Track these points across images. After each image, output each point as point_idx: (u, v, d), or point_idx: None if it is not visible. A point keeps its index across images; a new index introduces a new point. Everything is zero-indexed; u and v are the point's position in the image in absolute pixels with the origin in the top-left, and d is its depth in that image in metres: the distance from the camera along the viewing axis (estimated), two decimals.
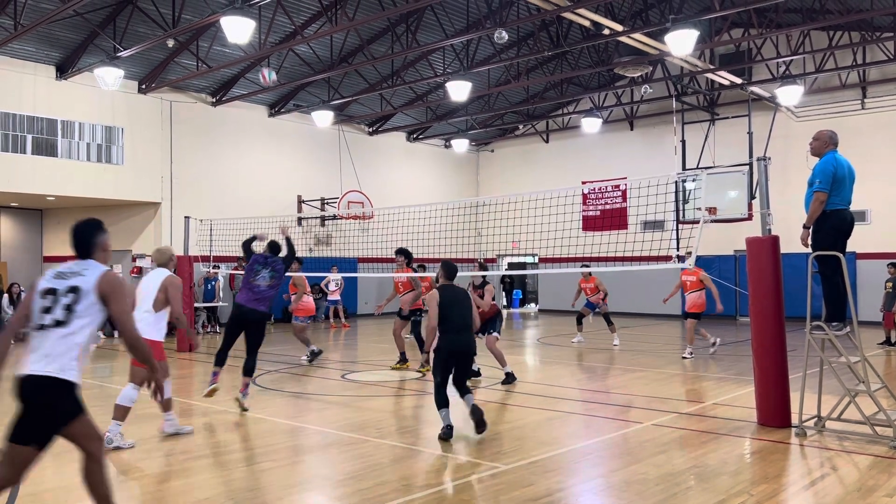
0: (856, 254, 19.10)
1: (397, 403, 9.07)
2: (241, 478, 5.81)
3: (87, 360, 4.22)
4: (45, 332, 3.91)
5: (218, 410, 8.54)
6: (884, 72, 19.52)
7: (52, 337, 3.89)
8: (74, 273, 4.06)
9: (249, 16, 13.09)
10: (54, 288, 4.01)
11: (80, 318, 3.95)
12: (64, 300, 3.96)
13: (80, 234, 4.29)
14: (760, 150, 19.43)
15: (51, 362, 3.84)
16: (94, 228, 4.34)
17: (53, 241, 21.53)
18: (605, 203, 24.29)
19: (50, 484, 5.71)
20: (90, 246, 4.26)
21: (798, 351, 10.02)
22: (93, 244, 4.27)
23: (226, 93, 19.88)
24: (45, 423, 3.86)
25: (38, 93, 17.03)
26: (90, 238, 4.28)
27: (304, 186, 22.29)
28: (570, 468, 6.11)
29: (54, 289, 4.01)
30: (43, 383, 3.81)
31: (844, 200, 7.14)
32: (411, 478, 5.73)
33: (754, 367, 7.59)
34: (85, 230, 4.30)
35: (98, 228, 4.35)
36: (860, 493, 5.29)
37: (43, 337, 3.90)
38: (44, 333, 3.91)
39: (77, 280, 4.02)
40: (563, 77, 20.18)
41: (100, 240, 4.32)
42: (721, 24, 16.68)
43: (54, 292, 4.00)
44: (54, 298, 3.98)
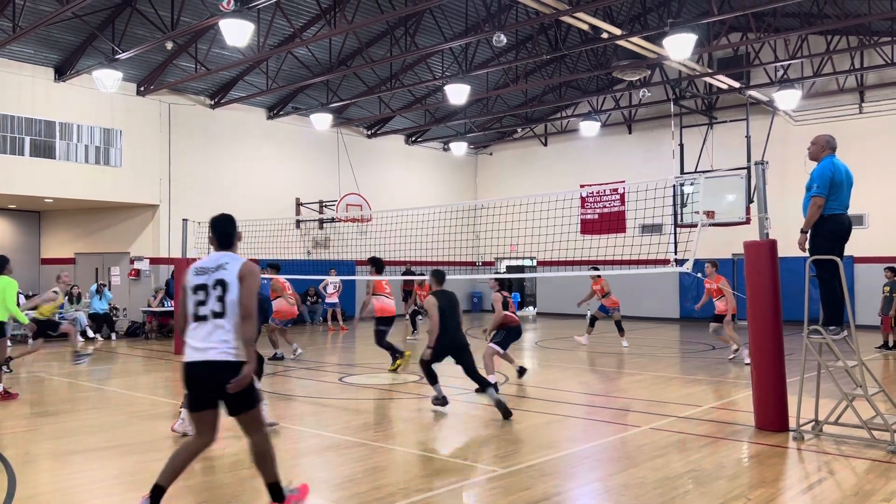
0: (853, 258, 19.13)
1: (395, 406, 9.06)
2: (236, 481, 5.80)
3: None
4: (204, 324, 4.49)
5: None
6: (881, 76, 19.57)
7: (215, 327, 4.48)
8: (218, 267, 4.59)
9: (248, 18, 13.10)
10: (203, 283, 4.56)
11: (230, 307, 4.52)
12: (215, 293, 4.52)
13: (221, 227, 4.78)
14: (758, 154, 19.48)
15: (220, 347, 4.44)
16: (232, 223, 4.83)
17: (51, 243, 21.50)
18: (604, 206, 24.30)
19: (46, 487, 5.70)
20: (230, 237, 4.76)
21: (796, 355, 10.02)
22: (232, 236, 4.76)
23: (224, 95, 19.88)
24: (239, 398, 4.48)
25: (36, 95, 17.02)
26: (230, 231, 4.78)
27: (302, 189, 22.29)
28: (568, 472, 6.11)
29: (203, 284, 4.56)
30: (221, 367, 4.42)
31: (842, 205, 7.15)
32: (409, 481, 5.72)
33: (752, 371, 7.60)
34: (226, 224, 4.79)
35: (234, 223, 4.84)
36: (857, 497, 5.29)
37: (204, 327, 4.49)
38: (204, 325, 4.49)
39: (222, 274, 4.55)
40: (561, 80, 20.20)
41: (236, 232, 4.81)
42: (719, 28, 16.72)
43: (204, 287, 4.55)
44: (206, 293, 4.53)
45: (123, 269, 19.83)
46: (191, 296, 4.59)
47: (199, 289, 4.57)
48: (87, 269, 20.60)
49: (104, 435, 7.48)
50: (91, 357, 12.49)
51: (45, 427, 7.89)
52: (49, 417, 8.40)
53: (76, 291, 18.01)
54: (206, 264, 4.65)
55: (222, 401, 4.54)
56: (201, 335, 4.50)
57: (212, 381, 4.45)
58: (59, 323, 12.40)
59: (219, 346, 4.46)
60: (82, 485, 5.74)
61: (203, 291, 4.56)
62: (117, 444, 7.12)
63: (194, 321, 4.55)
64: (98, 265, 20.52)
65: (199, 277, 4.61)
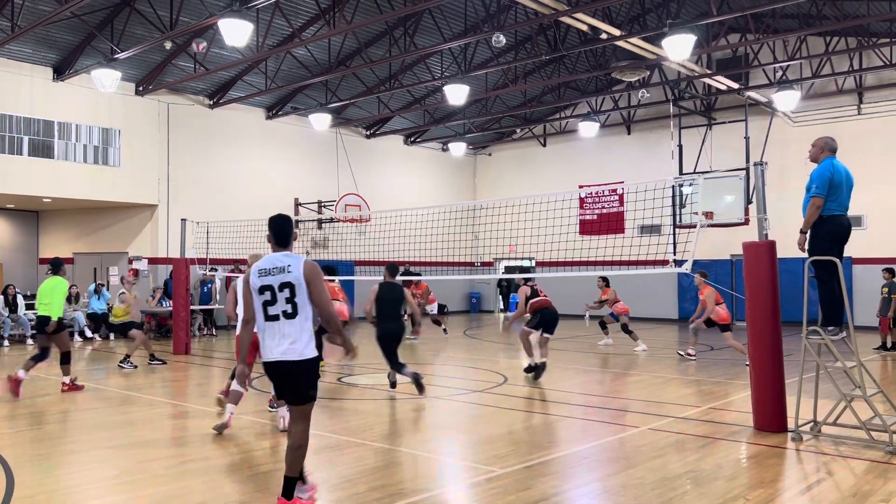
0: (852, 259, 19.14)
1: (393, 407, 9.06)
2: (235, 481, 5.80)
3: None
4: (277, 324, 4.79)
5: (213, 413, 8.53)
6: (880, 77, 19.59)
7: (287, 327, 4.77)
8: (280, 269, 4.82)
9: (247, 18, 13.09)
10: (269, 285, 4.81)
11: (302, 307, 4.80)
12: (282, 295, 4.78)
13: (281, 226, 5.00)
14: (757, 155, 19.50)
15: (296, 347, 4.77)
16: (289, 222, 5.07)
17: (49, 242, 21.49)
18: (603, 207, 24.31)
19: (44, 487, 5.69)
20: (288, 237, 4.99)
21: (794, 356, 10.03)
22: (288, 235, 5.00)
23: (223, 95, 19.87)
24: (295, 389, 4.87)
25: (34, 94, 17.01)
26: (289, 230, 5.01)
27: (301, 189, 22.28)
28: (567, 472, 6.11)
29: (269, 285, 4.81)
30: (291, 366, 4.78)
31: (841, 206, 7.15)
32: (407, 482, 5.71)
33: (750, 372, 7.60)
34: (285, 224, 5.02)
35: (291, 222, 5.09)
36: (856, 498, 5.30)
37: (277, 327, 4.79)
38: (276, 325, 4.80)
39: (286, 276, 4.79)
40: (560, 81, 20.21)
41: (292, 231, 5.06)
42: (718, 29, 16.73)
43: (270, 288, 4.81)
44: (272, 294, 4.80)
45: (122, 270, 19.81)
46: (257, 296, 4.86)
47: (265, 289, 4.83)
48: (85, 269, 20.59)
49: (102, 435, 7.47)
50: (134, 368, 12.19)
51: (44, 427, 7.88)
52: (47, 417, 8.39)
53: (74, 291, 17.99)
54: (268, 265, 4.87)
55: (286, 392, 4.93)
56: (275, 335, 4.82)
57: (280, 376, 4.86)
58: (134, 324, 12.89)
59: (292, 347, 4.78)
60: (80, 485, 5.73)
61: (269, 292, 4.82)
62: (115, 444, 7.11)
63: (265, 321, 4.84)
64: (96, 265, 20.50)
65: (263, 279, 4.85)
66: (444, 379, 11.47)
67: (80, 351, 15.49)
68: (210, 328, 18.86)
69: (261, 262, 4.94)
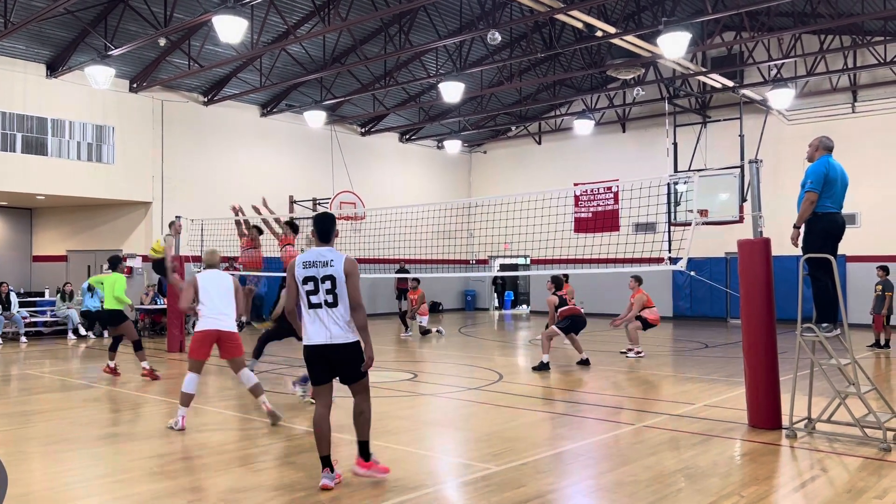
0: (846, 257, 19.20)
1: (387, 405, 9.04)
2: (228, 480, 5.78)
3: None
4: (320, 311, 5.34)
5: (206, 411, 8.50)
6: (874, 76, 19.64)
7: (330, 315, 5.32)
8: (324, 263, 5.35)
9: (242, 15, 13.05)
10: (312, 276, 5.34)
11: (342, 298, 5.35)
12: (325, 286, 5.32)
13: (323, 224, 5.49)
14: (752, 152, 19.49)
15: (336, 334, 5.32)
16: (333, 220, 5.58)
17: (43, 240, 21.39)
18: (597, 205, 24.32)
19: (38, 485, 5.66)
20: (330, 233, 5.49)
21: (789, 353, 10.05)
22: (330, 232, 5.49)
23: (218, 92, 19.81)
24: (351, 369, 5.43)
25: (28, 91, 16.93)
26: (331, 228, 5.50)
27: (295, 187, 22.24)
28: (562, 469, 6.11)
29: (312, 276, 5.34)
30: (339, 348, 5.34)
31: (836, 203, 7.17)
32: (402, 479, 5.70)
33: (745, 369, 7.61)
34: (328, 221, 5.53)
35: (335, 220, 5.59)
36: (850, 494, 5.31)
37: (320, 315, 5.34)
38: (319, 312, 5.34)
39: (330, 270, 5.32)
40: (555, 79, 20.21)
41: (334, 229, 5.52)
42: (713, 27, 16.75)
43: (313, 279, 5.34)
44: (315, 284, 5.33)
45: None
46: (301, 286, 5.38)
47: (308, 280, 5.36)
48: (79, 267, 20.51)
49: (95, 433, 7.44)
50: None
51: (37, 425, 7.84)
52: (40, 415, 8.35)
53: (68, 289, 17.92)
54: (312, 258, 5.39)
55: (338, 374, 5.46)
56: (318, 321, 5.35)
57: (331, 359, 5.38)
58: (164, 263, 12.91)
59: (336, 332, 5.33)
60: (74, 482, 5.71)
61: (312, 283, 5.35)
62: (108, 441, 7.09)
63: (309, 308, 5.37)
64: (90, 262, 20.42)
65: (307, 270, 5.37)
66: (439, 376, 11.46)
67: (73, 349, 15.44)
68: None
69: (306, 254, 5.44)
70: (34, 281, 20.90)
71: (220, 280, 7.81)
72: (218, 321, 7.62)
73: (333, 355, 5.37)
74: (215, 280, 7.79)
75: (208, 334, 7.60)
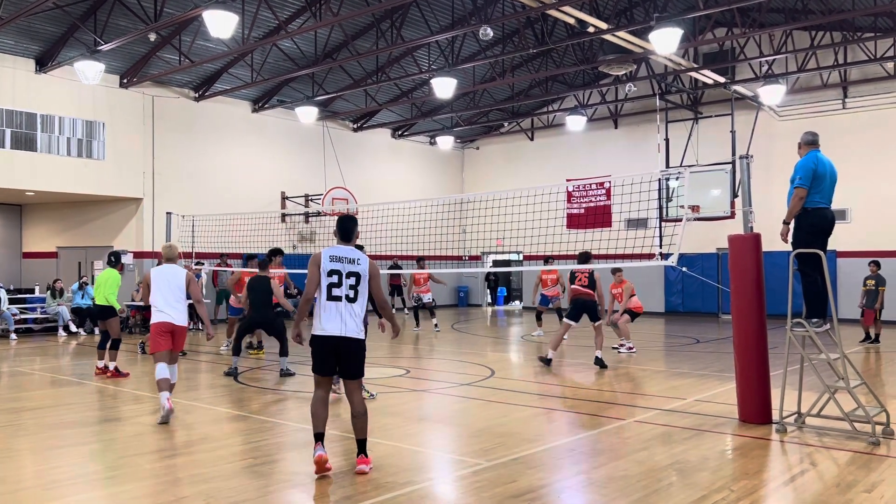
0: (836, 252, 19.29)
1: (379, 400, 9.04)
2: (219, 476, 5.76)
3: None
4: (339, 304, 5.57)
5: (199, 408, 8.48)
6: (864, 72, 19.72)
7: (347, 309, 5.58)
8: (350, 261, 5.66)
9: (232, 10, 12.99)
10: (337, 269, 5.61)
11: (361, 296, 5.67)
12: (348, 282, 5.60)
13: (346, 225, 5.82)
14: (743, 148, 19.57)
15: (350, 328, 5.58)
16: (356, 222, 5.88)
17: (33, 236, 21.28)
18: (590, 201, 24.36)
19: (28, 483, 5.64)
20: (352, 234, 5.84)
21: (779, 348, 10.09)
22: (351, 232, 5.83)
23: (209, 88, 19.72)
24: (356, 365, 5.71)
25: (17, 86, 16.81)
26: (353, 229, 5.84)
27: (287, 182, 22.18)
28: (553, 465, 6.12)
29: (337, 270, 5.61)
30: (350, 342, 5.58)
31: (826, 198, 7.20)
32: (393, 475, 5.70)
33: (736, 364, 7.64)
34: (351, 223, 5.84)
35: (356, 222, 5.89)
36: (839, 488, 5.34)
37: (338, 308, 5.57)
38: (338, 305, 5.57)
39: (356, 267, 5.65)
40: (547, 75, 20.21)
41: (355, 230, 5.87)
42: (705, 23, 16.78)
43: (338, 273, 5.60)
44: (339, 278, 5.59)
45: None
46: (325, 277, 5.60)
47: (333, 273, 5.62)
48: (69, 263, 20.41)
49: (86, 430, 7.41)
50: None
51: (27, 422, 7.80)
52: (30, 412, 8.31)
53: (59, 286, 17.83)
54: (340, 253, 5.69)
55: (341, 367, 5.67)
56: (334, 314, 5.57)
57: (340, 351, 5.60)
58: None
59: (351, 326, 5.58)
60: (64, 480, 5.68)
61: (337, 276, 5.61)
62: (99, 439, 7.06)
63: (327, 300, 5.58)
64: (81, 259, 20.32)
65: (333, 264, 5.64)
66: (431, 372, 11.47)
67: (63, 346, 15.37)
68: (196, 322, 18.74)
69: (332, 249, 5.72)
70: (24, 277, 20.80)
71: (171, 274, 8.01)
72: (167, 315, 7.87)
73: (343, 347, 5.59)
74: (167, 275, 8.01)
75: (160, 326, 7.86)
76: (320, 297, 5.62)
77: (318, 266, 5.62)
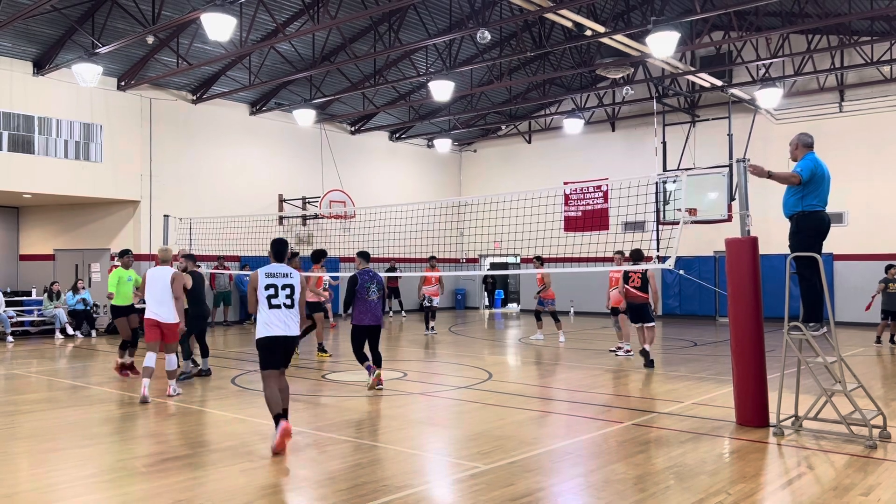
0: (833, 255, 19.32)
1: (376, 403, 9.04)
2: (218, 479, 5.76)
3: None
4: (279, 311, 6.73)
5: (195, 411, 8.47)
6: (861, 75, 19.77)
7: (287, 314, 6.76)
8: (284, 275, 6.86)
9: (230, 13, 12.99)
10: (273, 283, 6.77)
11: (296, 303, 6.85)
12: (284, 292, 6.78)
13: (279, 248, 7.04)
14: (740, 151, 19.59)
15: (292, 328, 6.79)
16: (286, 245, 7.11)
17: (30, 239, 21.24)
18: (587, 204, 24.38)
19: (24, 486, 5.62)
20: (282, 254, 7.03)
21: (776, 351, 10.11)
22: (283, 254, 7.03)
23: (206, 90, 19.72)
24: (290, 357, 7.01)
25: (14, 89, 16.78)
26: (285, 251, 7.05)
27: (285, 185, 22.17)
28: (550, 468, 6.12)
29: (273, 284, 6.77)
30: (294, 340, 6.86)
31: (822, 202, 7.22)
32: (390, 478, 5.70)
33: (733, 368, 7.65)
34: (282, 246, 7.06)
35: (287, 245, 7.13)
36: (836, 491, 5.35)
37: (280, 313, 6.73)
38: (279, 312, 6.73)
39: (289, 280, 6.85)
40: (545, 78, 20.23)
41: (287, 251, 7.10)
42: (702, 26, 16.81)
43: (274, 286, 6.77)
44: (276, 290, 6.76)
45: (104, 266, 19.61)
46: (262, 291, 6.73)
47: (270, 286, 6.75)
48: (66, 266, 20.37)
49: (82, 432, 7.40)
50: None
51: (24, 425, 7.79)
52: (27, 415, 8.29)
53: (56, 288, 17.80)
54: (274, 270, 6.85)
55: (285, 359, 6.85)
56: (279, 319, 6.72)
57: (286, 347, 6.80)
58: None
59: (293, 328, 6.78)
60: (60, 483, 5.67)
61: (273, 289, 6.75)
62: (95, 441, 7.04)
63: (269, 308, 6.71)
64: (78, 262, 20.29)
65: (269, 279, 6.78)
66: (429, 375, 11.46)
67: (60, 348, 15.34)
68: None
69: (267, 268, 6.87)
70: (21, 280, 20.75)
71: (160, 275, 9.19)
72: (154, 312, 9.11)
73: (288, 345, 6.80)
74: (156, 275, 9.22)
75: (148, 322, 9.17)
76: (263, 308, 6.71)
77: (255, 287, 6.77)
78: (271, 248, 7.01)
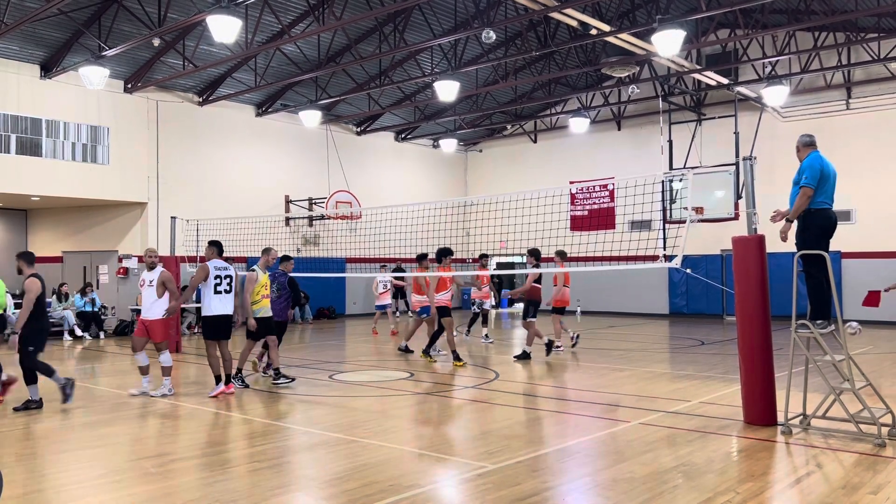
0: (840, 253, 19.25)
1: (384, 403, 9.05)
2: (226, 479, 5.78)
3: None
4: (223, 296, 9.36)
5: (203, 412, 8.50)
6: (868, 72, 19.69)
7: (228, 298, 9.40)
8: (225, 268, 9.48)
9: (236, 15, 13.02)
10: (219, 274, 9.35)
11: (233, 290, 9.47)
12: (226, 281, 9.39)
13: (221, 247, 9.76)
14: (747, 150, 19.56)
15: (231, 309, 9.43)
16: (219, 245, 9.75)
17: (39, 241, 21.34)
18: (593, 203, 24.35)
19: (34, 486, 5.65)
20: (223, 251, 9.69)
21: (784, 350, 10.06)
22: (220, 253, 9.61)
23: (212, 92, 19.78)
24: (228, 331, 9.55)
25: (22, 92, 16.88)
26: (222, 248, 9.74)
27: (291, 186, 22.22)
28: (557, 467, 6.12)
29: (219, 275, 9.34)
30: (231, 318, 9.51)
31: (829, 199, 7.20)
32: (398, 478, 5.71)
33: (740, 366, 7.62)
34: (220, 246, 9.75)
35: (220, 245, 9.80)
36: (845, 490, 5.33)
37: (223, 298, 9.35)
38: (222, 297, 9.35)
39: (229, 272, 9.48)
40: (550, 77, 20.21)
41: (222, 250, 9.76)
42: (707, 24, 16.78)
43: (219, 276, 9.34)
44: (220, 279, 9.34)
45: (111, 268, 19.70)
46: (212, 279, 9.27)
47: (217, 277, 9.31)
48: (74, 268, 20.47)
49: (91, 433, 7.43)
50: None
51: (33, 426, 7.83)
52: (36, 417, 8.33)
53: (64, 290, 17.88)
54: (219, 265, 9.46)
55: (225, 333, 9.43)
56: (224, 302, 9.37)
57: (227, 324, 9.46)
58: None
59: (231, 308, 9.42)
60: (69, 484, 5.70)
61: (219, 279, 9.32)
62: (104, 442, 7.08)
63: (214, 293, 9.29)
64: (86, 264, 20.38)
65: (217, 271, 9.37)
66: (435, 375, 11.47)
67: (69, 350, 15.41)
68: (200, 327, 18.76)
69: (214, 262, 9.45)
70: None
71: (151, 277, 9.68)
72: (144, 311, 9.69)
73: (229, 322, 9.43)
74: (149, 277, 9.74)
75: (139, 320, 9.79)
76: (209, 293, 9.22)
77: (206, 273, 9.25)
78: (214, 247, 9.59)
